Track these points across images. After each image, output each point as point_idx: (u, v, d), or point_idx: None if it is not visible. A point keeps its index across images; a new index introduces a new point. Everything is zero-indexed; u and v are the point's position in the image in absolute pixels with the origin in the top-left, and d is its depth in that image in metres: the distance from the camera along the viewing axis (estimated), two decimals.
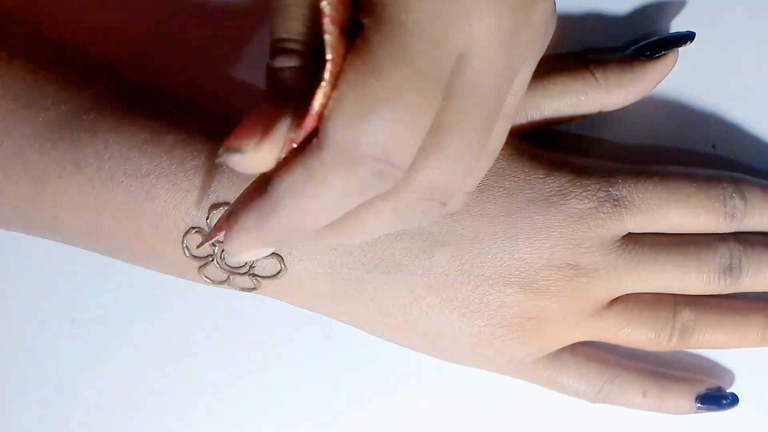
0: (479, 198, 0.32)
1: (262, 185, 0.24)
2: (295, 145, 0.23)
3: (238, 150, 0.23)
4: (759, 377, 0.36)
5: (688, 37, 0.34)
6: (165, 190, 0.31)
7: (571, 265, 0.32)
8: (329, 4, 0.22)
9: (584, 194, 0.32)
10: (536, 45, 0.25)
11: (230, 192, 0.31)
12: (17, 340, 0.37)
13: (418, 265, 0.32)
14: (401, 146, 0.22)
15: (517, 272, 0.32)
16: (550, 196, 0.32)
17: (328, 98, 0.22)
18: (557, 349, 0.34)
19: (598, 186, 0.33)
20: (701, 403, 0.34)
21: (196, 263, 0.32)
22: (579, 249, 0.32)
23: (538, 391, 0.35)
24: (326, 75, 0.22)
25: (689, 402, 0.34)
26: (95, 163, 0.31)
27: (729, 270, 0.33)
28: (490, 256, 0.32)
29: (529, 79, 0.27)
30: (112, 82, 0.33)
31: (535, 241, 0.32)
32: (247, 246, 0.25)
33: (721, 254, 0.33)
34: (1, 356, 0.37)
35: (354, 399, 0.37)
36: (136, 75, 0.34)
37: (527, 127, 0.34)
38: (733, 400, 0.35)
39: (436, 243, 0.32)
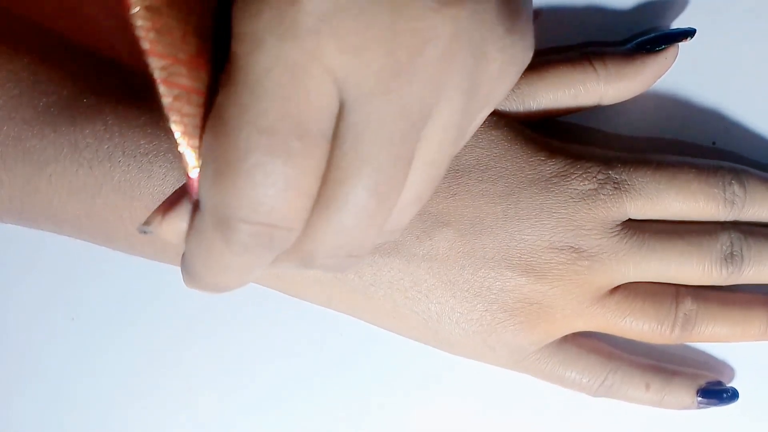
0: (480, 179, 0.32)
1: None
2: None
3: (148, 224, 0.24)
4: (759, 373, 0.36)
5: (688, 33, 0.34)
6: (164, 168, 0.31)
7: (572, 247, 0.32)
8: (160, 68, 0.22)
9: (585, 176, 0.32)
10: (451, 83, 0.22)
11: None
12: (18, 339, 0.37)
13: (419, 247, 0.32)
14: (277, 207, 0.21)
15: (519, 254, 0.32)
16: (551, 177, 0.32)
17: (196, 160, 0.22)
18: (559, 340, 0.34)
19: (598, 168, 0.33)
20: (702, 397, 0.34)
21: None
22: (580, 231, 0.32)
23: (535, 390, 0.35)
24: (177, 139, 0.22)
25: (690, 396, 0.34)
26: (94, 144, 0.31)
27: (730, 258, 0.33)
28: (491, 237, 0.32)
29: (455, 128, 0.23)
30: (112, 70, 0.33)
31: (537, 221, 0.32)
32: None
33: (722, 242, 0.33)
34: (1, 355, 0.37)
35: (351, 396, 0.36)
36: (136, 67, 0.34)
37: (525, 117, 0.34)
38: (734, 394, 0.34)
39: (436, 223, 0.32)
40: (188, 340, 0.36)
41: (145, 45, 0.22)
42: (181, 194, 0.24)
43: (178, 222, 0.23)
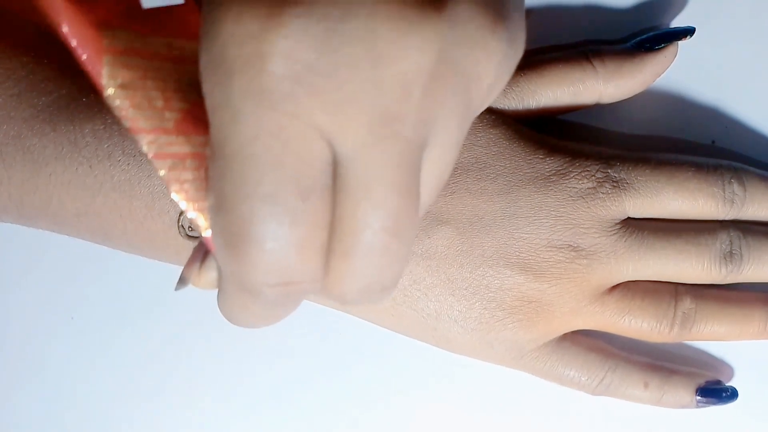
0: (479, 177, 0.32)
1: None
2: None
3: (185, 281, 0.24)
4: (758, 372, 0.36)
5: (687, 31, 0.34)
6: None
7: (571, 246, 0.32)
8: (148, 143, 0.21)
9: (583, 174, 0.32)
10: (444, 109, 0.21)
11: None
12: (16, 338, 0.37)
13: (418, 245, 0.32)
14: (293, 266, 0.21)
15: (517, 253, 0.32)
16: (550, 175, 0.32)
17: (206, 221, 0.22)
18: (558, 338, 0.34)
19: (597, 167, 0.33)
20: (701, 396, 0.34)
21: (191, 244, 0.32)
22: (579, 229, 0.32)
23: (534, 389, 0.35)
24: (183, 207, 0.22)
25: (689, 394, 0.34)
26: (94, 143, 0.31)
27: (729, 256, 0.33)
28: (489, 236, 0.32)
29: (456, 143, 0.22)
30: None
31: (535, 220, 0.32)
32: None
33: (722, 240, 0.33)
34: (0, 355, 0.37)
35: (350, 394, 0.36)
36: None
37: (524, 115, 0.34)
38: (733, 393, 0.34)
39: (435, 222, 0.32)
40: (187, 339, 0.36)
41: (127, 123, 0.21)
42: (206, 251, 0.24)
43: (211, 273, 0.24)
